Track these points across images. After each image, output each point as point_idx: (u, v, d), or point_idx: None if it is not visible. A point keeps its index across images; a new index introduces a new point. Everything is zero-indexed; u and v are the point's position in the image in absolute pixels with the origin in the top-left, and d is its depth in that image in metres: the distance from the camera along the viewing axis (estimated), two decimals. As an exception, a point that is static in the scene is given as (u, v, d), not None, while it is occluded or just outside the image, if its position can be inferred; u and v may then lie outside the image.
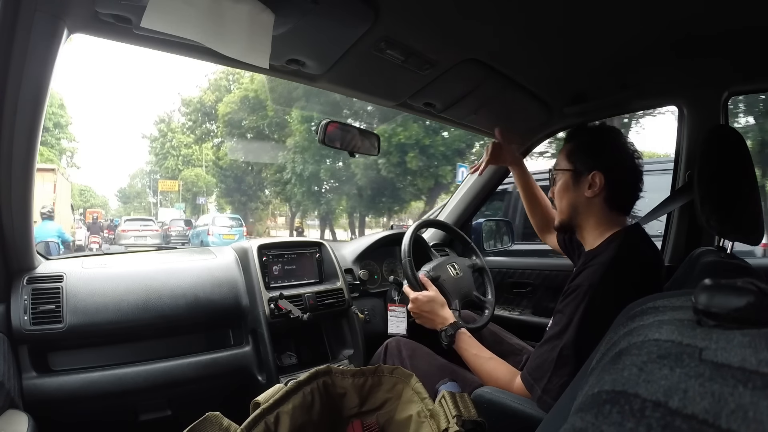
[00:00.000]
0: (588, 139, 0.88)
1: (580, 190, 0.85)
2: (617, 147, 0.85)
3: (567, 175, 0.87)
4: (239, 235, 12.30)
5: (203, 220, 14.29)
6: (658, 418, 0.20)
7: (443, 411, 0.54)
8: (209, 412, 0.55)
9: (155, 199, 34.21)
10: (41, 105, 0.75)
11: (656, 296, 0.34)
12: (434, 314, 1.01)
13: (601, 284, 0.73)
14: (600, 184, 0.82)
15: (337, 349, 1.31)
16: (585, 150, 0.86)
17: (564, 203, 0.88)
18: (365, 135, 1.23)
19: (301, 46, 0.86)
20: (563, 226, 0.91)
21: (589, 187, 0.83)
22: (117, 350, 0.98)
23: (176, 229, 15.38)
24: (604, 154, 0.84)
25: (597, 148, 0.85)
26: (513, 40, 0.88)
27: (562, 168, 0.88)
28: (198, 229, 13.37)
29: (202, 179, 26.23)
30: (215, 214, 16.06)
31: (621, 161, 0.84)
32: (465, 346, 0.93)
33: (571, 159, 0.87)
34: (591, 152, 0.85)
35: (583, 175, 0.84)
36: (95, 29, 0.74)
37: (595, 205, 0.84)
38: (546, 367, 0.73)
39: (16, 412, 0.71)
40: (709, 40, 0.85)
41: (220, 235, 11.75)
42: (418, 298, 1.03)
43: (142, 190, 40.22)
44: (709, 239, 1.10)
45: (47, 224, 6.77)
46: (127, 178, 55.68)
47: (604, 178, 0.82)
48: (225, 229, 12.29)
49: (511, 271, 1.60)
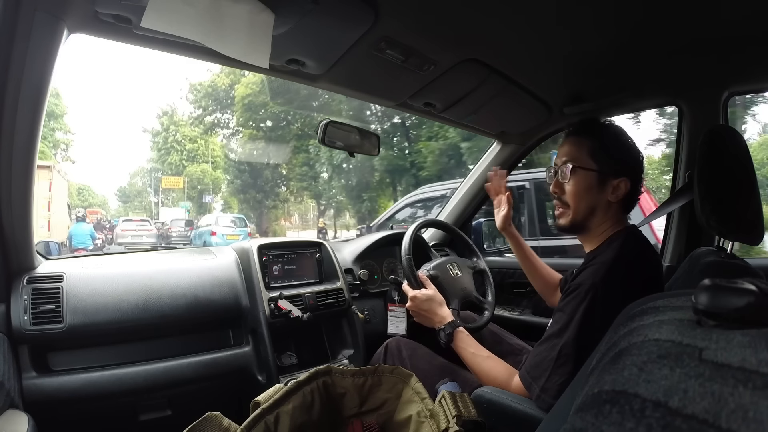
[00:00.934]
0: (613, 140, 0.83)
1: (604, 193, 0.81)
2: (632, 150, 0.83)
3: (591, 176, 0.81)
4: (243, 235, 12.05)
5: (206, 220, 13.98)
6: (658, 418, 0.20)
7: (443, 411, 0.54)
8: (209, 412, 0.55)
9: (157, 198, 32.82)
10: (41, 105, 0.75)
11: (656, 296, 0.34)
12: (432, 312, 1.00)
13: (603, 283, 0.73)
14: (625, 190, 0.80)
15: (337, 349, 1.31)
16: (612, 152, 0.81)
17: (583, 204, 0.83)
18: (365, 135, 1.23)
19: (301, 46, 0.86)
20: (573, 228, 0.85)
21: (612, 191, 0.80)
22: (117, 350, 0.98)
23: (177, 229, 15.11)
24: (631, 159, 0.82)
25: (624, 152, 0.82)
26: (513, 40, 0.88)
27: (584, 166, 0.82)
28: (201, 229, 13.07)
29: (208, 175, 24.63)
30: (218, 214, 15.48)
31: (641, 167, 0.82)
32: (463, 345, 0.92)
33: (596, 158, 0.81)
34: (619, 155, 0.81)
35: (609, 178, 0.80)
36: (95, 29, 0.74)
37: (612, 208, 0.82)
38: (545, 365, 0.73)
39: (16, 412, 0.71)
40: (710, 40, 0.85)
41: (224, 235, 11.46)
42: (417, 296, 1.03)
43: (143, 189, 38.58)
44: (709, 239, 1.10)
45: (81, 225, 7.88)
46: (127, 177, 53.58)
47: (630, 185, 0.80)
48: (229, 229, 12.09)
49: (511, 271, 1.60)
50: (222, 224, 12.41)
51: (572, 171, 0.83)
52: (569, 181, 0.83)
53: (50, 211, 8.85)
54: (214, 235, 11.55)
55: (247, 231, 12.77)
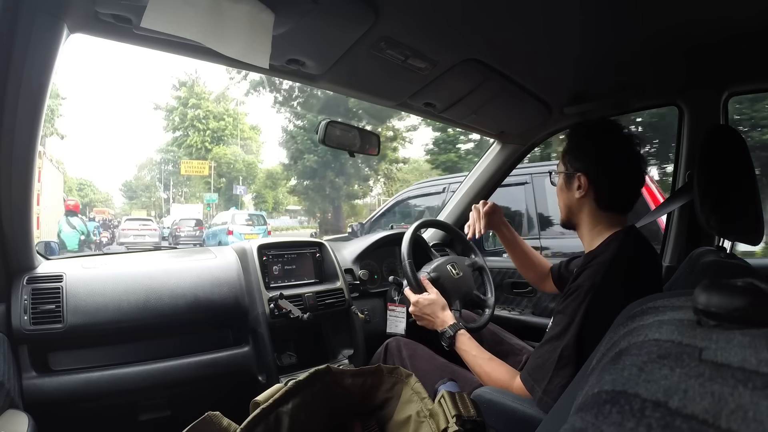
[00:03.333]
0: (577, 140, 0.87)
1: (571, 191, 0.86)
2: (605, 146, 0.83)
3: (561, 177, 0.89)
4: (263, 233, 11.08)
5: (221, 218, 13.04)
6: (658, 418, 0.20)
7: (442, 411, 0.54)
8: (209, 412, 0.55)
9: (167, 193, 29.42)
10: (41, 105, 0.75)
11: (656, 296, 0.34)
12: (435, 316, 1.01)
13: (602, 284, 0.73)
14: (585, 185, 0.83)
15: (337, 349, 1.31)
16: (573, 151, 0.86)
17: (561, 203, 0.91)
18: (365, 135, 1.23)
19: (301, 46, 0.86)
20: (564, 225, 0.92)
21: (577, 189, 0.84)
22: (117, 350, 0.98)
23: (185, 229, 14.08)
24: (590, 155, 0.83)
25: (584, 149, 0.85)
26: (513, 40, 0.88)
27: (558, 170, 0.90)
28: (216, 228, 12.12)
29: (240, 160, 19.47)
30: (235, 211, 13.74)
31: (605, 161, 0.82)
32: (464, 347, 0.93)
33: (564, 160, 0.88)
34: (578, 153, 0.85)
35: (572, 177, 0.85)
36: (95, 29, 0.74)
37: (585, 205, 0.85)
38: (547, 367, 0.73)
39: (16, 412, 0.71)
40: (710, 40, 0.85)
41: (241, 234, 10.56)
42: (419, 301, 1.03)
43: (152, 183, 34.00)
44: (709, 239, 1.10)
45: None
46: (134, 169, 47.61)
47: (587, 180, 0.82)
48: (247, 227, 11.14)
49: (511, 271, 1.60)
50: (239, 222, 11.41)
51: (551, 176, 0.93)
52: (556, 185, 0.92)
53: (39, 206, 6.97)
54: (230, 234, 10.68)
55: (267, 229, 11.85)
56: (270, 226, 13.23)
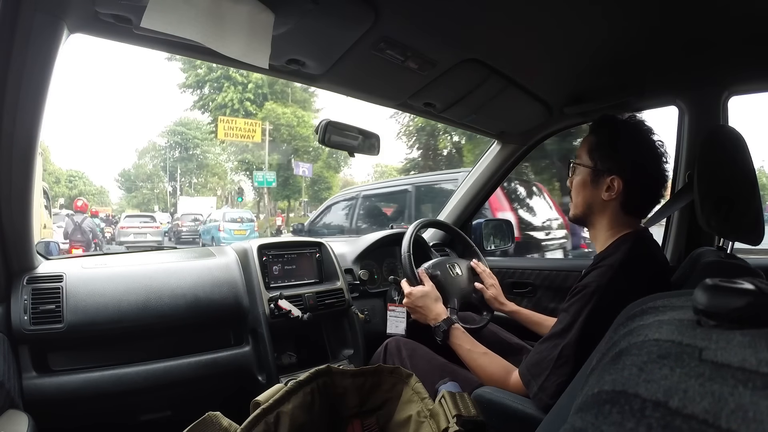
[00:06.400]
0: (612, 137, 0.82)
1: (598, 190, 0.82)
2: (641, 149, 0.80)
3: (586, 172, 0.83)
4: (250, 230, 12.43)
5: (214, 215, 14.12)
6: (658, 418, 0.20)
7: (443, 411, 0.54)
8: (209, 412, 0.55)
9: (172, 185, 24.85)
10: (41, 105, 0.75)
11: (656, 296, 0.34)
12: (427, 309, 1.01)
13: (609, 286, 0.72)
14: (618, 189, 0.79)
15: (337, 349, 1.31)
16: (607, 149, 0.81)
17: (580, 199, 0.86)
18: (366, 135, 1.22)
19: (301, 46, 0.86)
20: (577, 220, 0.89)
21: (606, 189, 0.80)
22: (117, 350, 0.98)
23: (187, 224, 14.78)
24: (627, 157, 0.79)
25: (620, 149, 0.80)
26: (513, 40, 0.88)
27: (581, 163, 0.84)
28: (209, 225, 13.32)
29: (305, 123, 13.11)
30: (226, 209, 15.11)
31: (642, 166, 0.79)
32: (458, 341, 0.92)
33: (593, 155, 0.82)
34: (613, 152, 0.80)
35: (602, 176, 0.81)
36: (95, 29, 0.74)
37: (610, 207, 0.82)
38: (545, 364, 0.73)
39: (16, 412, 0.71)
40: (710, 40, 0.85)
41: (231, 230, 11.94)
42: (412, 292, 1.04)
43: (155, 172, 28.19)
44: (709, 239, 1.10)
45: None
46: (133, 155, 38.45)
47: (623, 184, 0.79)
48: (236, 224, 12.46)
49: (511, 271, 1.60)
50: (229, 219, 12.82)
51: (571, 167, 0.88)
52: (572, 176, 0.88)
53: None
54: (221, 231, 12.00)
55: (254, 226, 13.12)
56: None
